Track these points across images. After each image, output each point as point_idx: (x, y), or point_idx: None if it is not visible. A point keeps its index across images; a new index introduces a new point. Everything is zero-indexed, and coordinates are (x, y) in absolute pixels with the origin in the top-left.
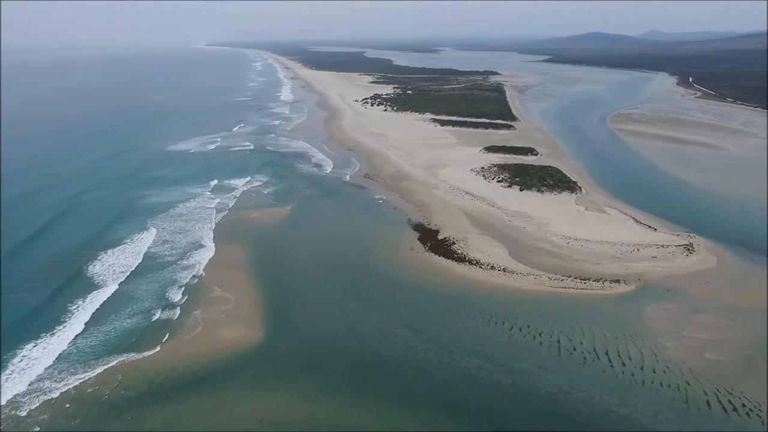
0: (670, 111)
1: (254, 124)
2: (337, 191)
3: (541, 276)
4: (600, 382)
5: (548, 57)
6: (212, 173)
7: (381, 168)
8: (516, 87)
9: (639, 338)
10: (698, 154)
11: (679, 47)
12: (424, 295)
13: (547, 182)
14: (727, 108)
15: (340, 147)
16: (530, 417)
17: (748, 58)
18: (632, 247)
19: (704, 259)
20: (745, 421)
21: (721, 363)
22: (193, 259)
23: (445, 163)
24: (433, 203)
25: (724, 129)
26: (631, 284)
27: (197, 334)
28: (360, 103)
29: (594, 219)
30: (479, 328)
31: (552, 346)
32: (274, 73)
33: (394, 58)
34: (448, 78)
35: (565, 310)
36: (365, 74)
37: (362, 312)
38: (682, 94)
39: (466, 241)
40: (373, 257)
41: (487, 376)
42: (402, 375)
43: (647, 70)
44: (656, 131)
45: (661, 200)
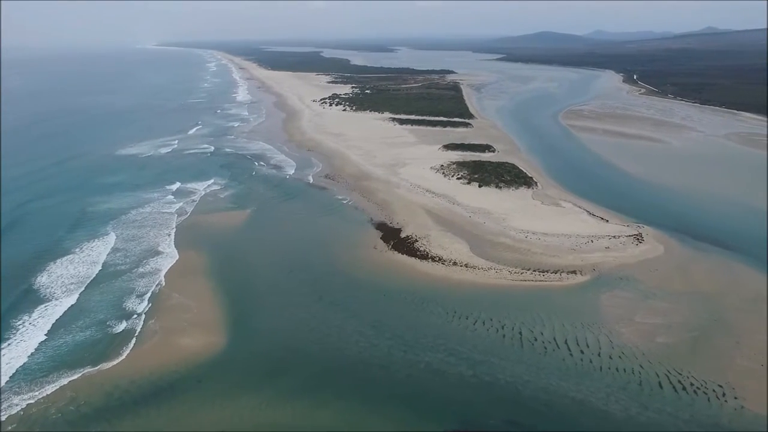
0: (618, 107)
1: (211, 126)
2: (298, 193)
3: (501, 270)
4: (560, 370)
5: (502, 56)
6: (170, 177)
7: (342, 168)
8: (472, 85)
9: (595, 326)
10: (644, 147)
11: (622, 46)
12: (388, 293)
13: (504, 178)
14: (668, 104)
15: (299, 148)
16: (490, 406)
17: (685, 57)
18: (586, 239)
19: (652, 247)
20: (693, 399)
21: (670, 345)
22: (152, 266)
23: (406, 161)
24: (394, 202)
25: (666, 124)
26: (586, 274)
27: (157, 344)
28: (318, 103)
29: (550, 213)
30: (443, 323)
31: (514, 337)
32: (229, 74)
33: (351, 58)
34: (405, 77)
35: (525, 302)
36: (323, 74)
37: (325, 313)
38: (628, 91)
39: (428, 238)
40: (336, 258)
41: (449, 370)
42: (365, 374)
43: (595, 68)
44: (605, 126)
45: (612, 193)
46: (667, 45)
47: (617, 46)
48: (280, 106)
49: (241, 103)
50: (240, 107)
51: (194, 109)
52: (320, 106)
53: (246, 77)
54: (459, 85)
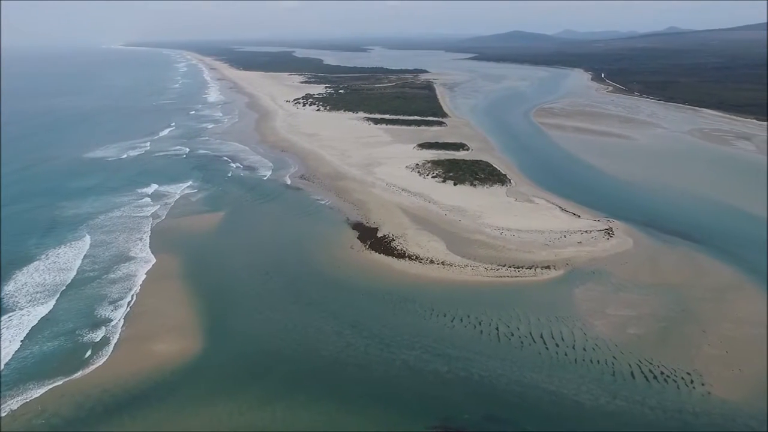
0: (587, 105)
1: (182, 127)
2: (273, 194)
3: (478, 267)
4: (535, 364)
5: (474, 55)
6: (144, 180)
7: (317, 168)
8: (445, 84)
9: (570, 319)
10: (612, 144)
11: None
12: (365, 292)
13: (479, 176)
14: (634, 101)
15: (273, 149)
16: (465, 401)
17: (649, 56)
18: (559, 234)
19: (623, 241)
20: (663, 387)
21: (641, 336)
22: (126, 271)
23: (381, 161)
24: (370, 201)
25: (633, 120)
26: (560, 269)
27: (131, 352)
28: (292, 104)
29: (524, 209)
30: (420, 321)
31: (491, 333)
32: (200, 74)
33: (324, 58)
34: (379, 76)
35: (502, 298)
36: (296, 74)
37: (302, 314)
38: (596, 89)
39: (404, 237)
40: (312, 258)
41: (425, 367)
42: (343, 374)
43: (564, 67)
44: (575, 124)
45: (583, 189)
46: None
47: (585, 45)
48: (252, 106)
49: (213, 104)
50: (212, 108)
51: (165, 111)
52: (294, 106)
53: (217, 78)
54: (432, 84)
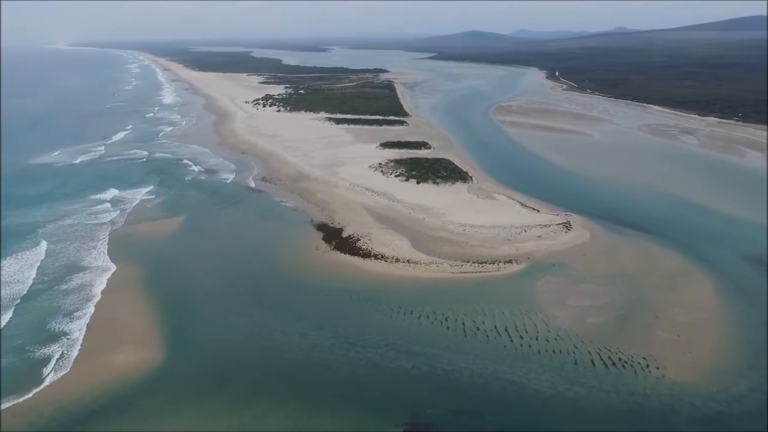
0: (543, 102)
1: (138, 130)
2: (235, 197)
3: (443, 264)
4: (500, 356)
5: (433, 54)
6: (99, 186)
7: (279, 170)
8: (405, 84)
9: (532, 312)
10: (568, 140)
11: (545, 45)
12: (331, 293)
13: (441, 174)
14: (587, 98)
15: (233, 151)
16: (427, 394)
17: (600, 55)
18: (520, 229)
19: (580, 234)
20: (622, 372)
21: (600, 325)
22: (83, 281)
23: (344, 160)
24: (334, 202)
25: (587, 117)
26: (522, 263)
27: (88, 365)
28: (251, 105)
29: (485, 206)
30: (387, 320)
31: (458, 328)
32: (153, 76)
33: (283, 58)
34: (339, 76)
35: (467, 293)
36: (254, 74)
37: (266, 318)
38: (551, 87)
39: (370, 236)
40: (277, 261)
41: (390, 364)
42: (308, 376)
43: (520, 66)
44: (532, 121)
45: (541, 184)
46: (584, 44)
47: (540, 45)
48: (210, 108)
49: (169, 106)
50: (168, 110)
51: (118, 113)
52: (253, 107)
53: (172, 79)
54: (393, 83)
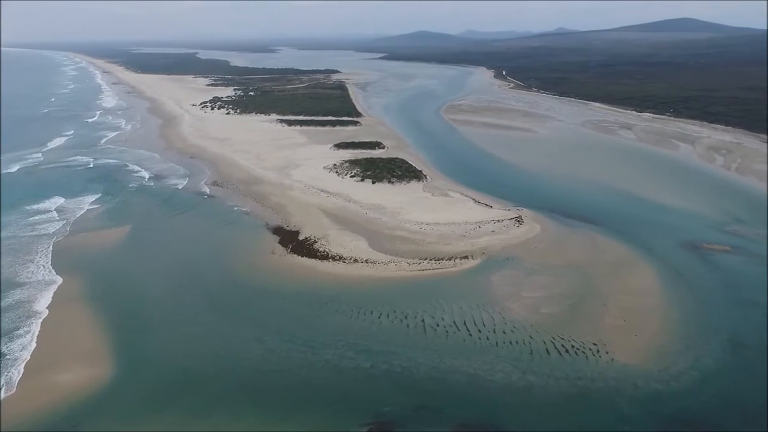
0: (492, 101)
1: (78, 136)
2: (185, 203)
3: (401, 262)
4: (459, 351)
5: (384, 55)
6: (38, 195)
7: (230, 174)
8: (357, 84)
9: (489, 305)
10: (516, 137)
11: (491, 44)
12: (289, 297)
13: (395, 173)
14: (533, 96)
15: (182, 155)
16: (387, 393)
17: (543, 54)
18: (474, 225)
19: (531, 228)
20: (574, 359)
21: (553, 315)
22: (24, 297)
23: (297, 162)
24: (289, 204)
25: (533, 114)
26: (477, 258)
27: (31, 387)
28: (199, 107)
29: (440, 203)
30: (346, 320)
31: (418, 326)
32: (92, 79)
33: (230, 59)
34: (290, 77)
35: (426, 290)
36: (201, 76)
37: (222, 326)
38: (499, 86)
39: (327, 238)
40: (232, 267)
41: (347, 364)
42: (265, 382)
43: (469, 65)
44: (482, 119)
45: (493, 180)
46: (528, 43)
47: (487, 45)
48: (155, 111)
49: (110, 110)
50: (110, 114)
51: (55, 118)
52: (201, 110)
53: (112, 82)
54: (345, 84)
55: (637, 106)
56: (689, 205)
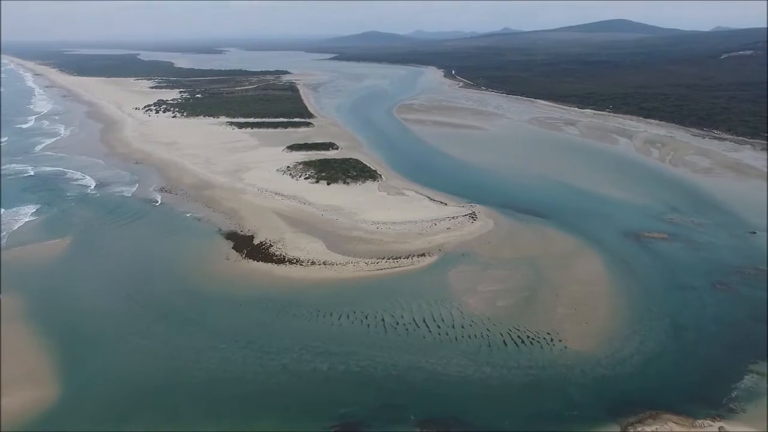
0: (443, 100)
1: (11, 143)
2: (131, 211)
3: (359, 262)
4: (419, 347)
5: (334, 55)
6: None
7: (179, 179)
8: (309, 85)
9: (447, 301)
10: (467, 135)
11: (440, 44)
12: (245, 303)
13: (350, 174)
14: (482, 95)
15: (126, 161)
16: (342, 393)
17: (490, 54)
18: (430, 223)
19: (485, 223)
20: (530, 349)
21: (508, 307)
22: None
23: (249, 165)
24: (243, 208)
25: (483, 113)
26: (434, 255)
27: None
28: (142, 111)
29: (396, 202)
30: (305, 324)
31: (378, 325)
32: (22, 82)
33: (174, 61)
34: (239, 79)
35: (385, 290)
36: (143, 79)
37: (175, 336)
38: (449, 85)
39: (283, 241)
40: (185, 276)
41: (304, 368)
42: (220, 391)
43: (419, 65)
44: (434, 118)
45: (446, 178)
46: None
47: (436, 45)
48: (95, 116)
49: (46, 115)
50: (45, 120)
51: None
52: (145, 113)
53: (45, 85)
54: (296, 85)
55: (580, 103)
56: (630, 197)
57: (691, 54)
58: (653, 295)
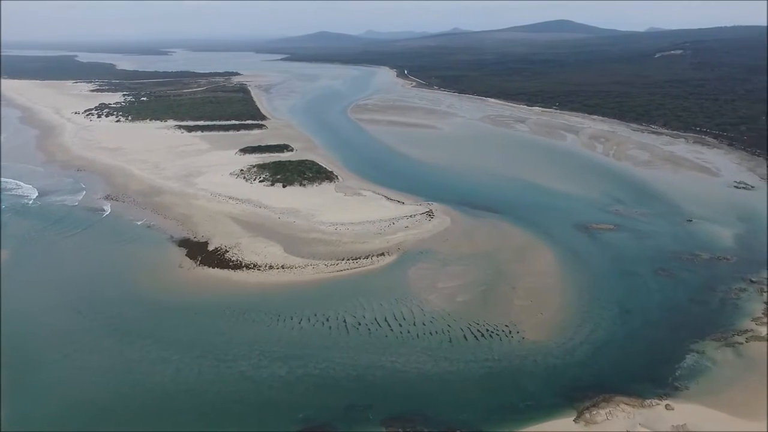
0: (396, 99)
1: None
2: (75, 221)
3: (318, 264)
4: (382, 346)
5: (286, 56)
6: None
7: (126, 186)
8: (260, 86)
9: (408, 299)
10: (422, 134)
11: (392, 44)
12: (201, 311)
13: (306, 175)
14: (435, 94)
15: (66, 168)
16: (301, 396)
17: (441, 53)
18: (388, 222)
19: (442, 221)
20: (490, 342)
21: (467, 302)
22: None
23: (201, 170)
24: (195, 214)
25: (437, 111)
26: (393, 254)
27: None
28: (83, 115)
29: (353, 203)
30: (264, 329)
31: (340, 327)
32: None
33: (117, 62)
34: (186, 81)
35: (345, 291)
36: (83, 82)
37: (125, 349)
38: (402, 85)
39: (239, 246)
40: (135, 286)
41: (261, 374)
42: (174, 405)
43: (372, 65)
44: (389, 118)
45: (402, 177)
46: (426, 43)
47: (388, 45)
48: (30, 121)
49: None
50: None
51: None
52: (86, 118)
53: None
54: (247, 86)
55: (528, 101)
56: (578, 190)
57: (628, 53)
58: (602, 284)
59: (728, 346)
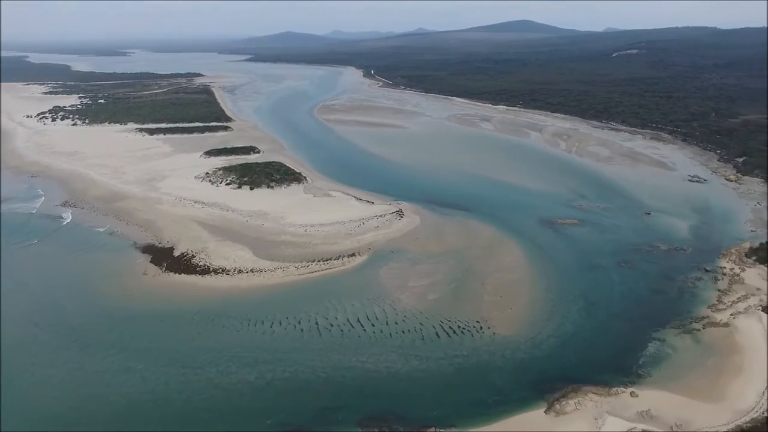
0: (363, 99)
1: None
2: (32, 230)
3: (288, 267)
4: (355, 347)
5: (250, 56)
6: None
7: (85, 191)
8: (224, 87)
9: (380, 299)
10: (389, 133)
11: (358, 44)
12: (167, 319)
13: (274, 177)
14: (401, 94)
15: (20, 174)
16: (271, 401)
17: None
18: (358, 222)
19: (412, 219)
20: (462, 338)
21: (438, 300)
22: None
23: (165, 174)
24: (159, 219)
25: (403, 111)
26: (364, 254)
27: None
28: (36, 119)
29: (323, 204)
30: (234, 334)
31: (312, 329)
32: None
33: (72, 63)
34: (146, 82)
35: (317, 292)
36: (35, 83)
37: (86, 361)
38: (369, 85)
39: (206, 251)
40: (97, 296)
41: (229, 380)
42: (139, 416)
43: (338, 65)
44: (356, 118)
45: (371, 177)
46: (392, 43)
47: (354, 45)
48: None
49: None
50: None
51: None
52: (39, 122)
53: None
54: (210, 87)
55: (492, 100)
56: (543, 186)
57: (587, 53)
58: (569, 277)
59: (687, 333)
